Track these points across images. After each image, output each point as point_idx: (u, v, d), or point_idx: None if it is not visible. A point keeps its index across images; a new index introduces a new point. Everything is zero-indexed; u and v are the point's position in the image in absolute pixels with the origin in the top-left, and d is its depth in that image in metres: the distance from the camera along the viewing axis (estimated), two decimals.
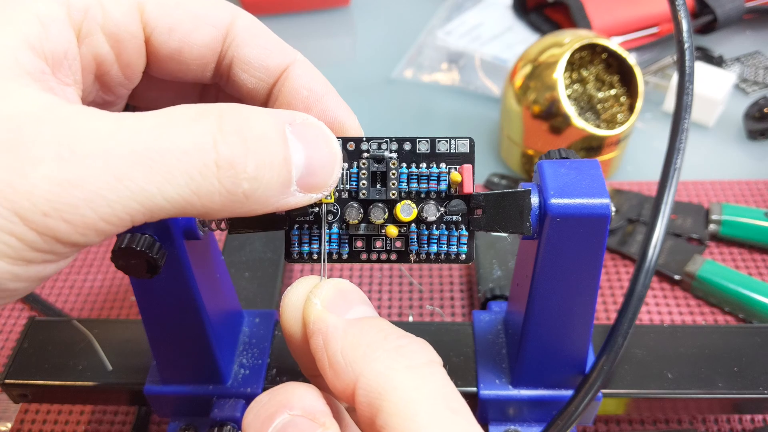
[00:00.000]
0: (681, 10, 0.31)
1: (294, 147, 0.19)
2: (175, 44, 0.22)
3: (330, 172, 0.21)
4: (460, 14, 0.72)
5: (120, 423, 0.39)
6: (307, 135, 0.20)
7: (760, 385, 0.32)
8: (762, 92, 0.61)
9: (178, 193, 0.17)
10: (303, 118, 0.20)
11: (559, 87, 0.47)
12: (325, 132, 0.21)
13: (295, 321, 0.22)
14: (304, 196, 0.20)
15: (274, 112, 0.19)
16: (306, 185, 0.20)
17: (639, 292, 0.29)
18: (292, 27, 0.74)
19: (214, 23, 0.23)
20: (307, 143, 0.20)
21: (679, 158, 0.30)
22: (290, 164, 0.19)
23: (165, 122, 0.17)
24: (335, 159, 0.21)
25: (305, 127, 0.20)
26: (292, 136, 0.19)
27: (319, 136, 0.20)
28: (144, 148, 0.17)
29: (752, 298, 0.42)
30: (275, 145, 0.19)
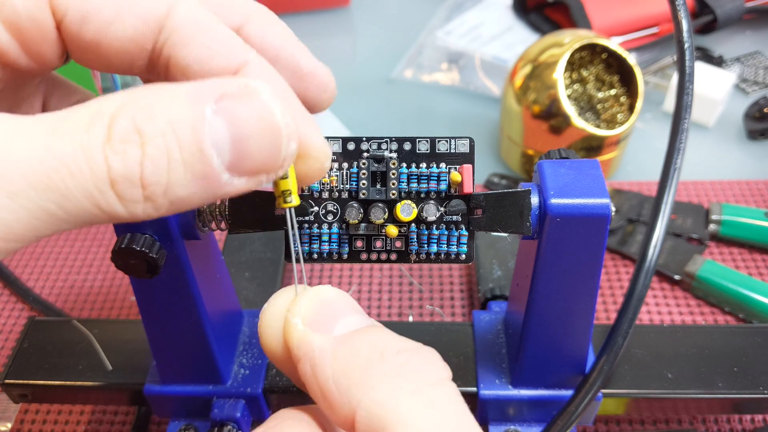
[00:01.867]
0: (681, 10, 0.31)
1: (214, 128, 0.16)
2: (90, 35, 0.19)
3: (271, 149, 0.17)
4: (460, 14, 0.72)
5: (120, 423, 0.39)
6: (237, 109, 0.16)
7: (760, 385, 0.32)
8: (762, 92, 0.61)
9: (80, 208, 0.15)
10: (238, 87, 0.17)
11: (559, 87, 0.47)
12: (261, 101, 0.17)
13: (276, 344, 0.20)
14: (246, 181, 0.17)
15: (196, 89, 0.16)
16: (243, 169, 0.17)
17: (639, 292, 0.29)
18: (292, 27, 0.74)
19: (141, 14, 0.19)
20: (235, 119, 0.16)
21: (679, 158, 0.30)
22: (205, 153, 0.16)
23: (58, 129, 0.15)
24: (274, 133, 0.17)
25: (237, 99, 0.17)
26: (214, 117, 0.16)
27: (252, 108, 0.17)
28: (38, 161, 0.15)
29: (752, 298, 0.42)
30: (183, 135, 0.16)
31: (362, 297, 0.45)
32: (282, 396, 0.34)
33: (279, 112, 0.17)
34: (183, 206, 0.17)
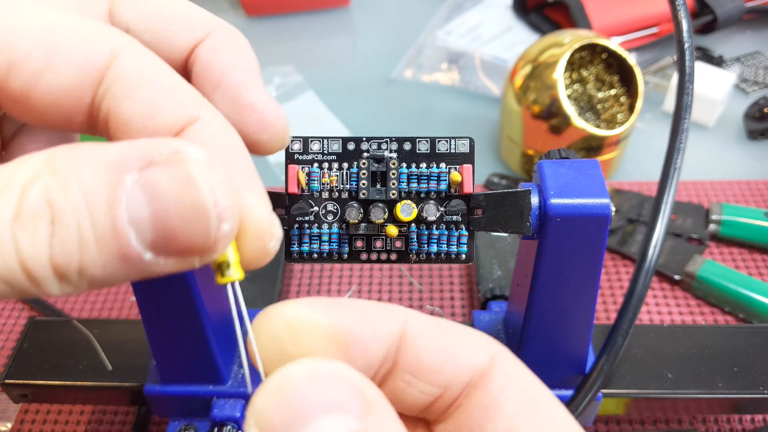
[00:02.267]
0: (681, 10, 0.31)
1: (133, 203, 0.14)
2: (18, 86, 0.16)
3: (198, 232, 0.15)
4: (460, 14, 0.72)
5: (120, 423, 0.39)
6: (159, 182, 0.14)
7: (760, 385, 0.32)
8: (762, 92, 0.61)
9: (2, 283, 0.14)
10: (167, 153, 0.15)
11: (559, 87, 0.47)
12: (187, 173, 0.15)
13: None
14: (176, 262, 0.15)
15: (120, 154, 0.14)
16: (168, 250, 0.15)
17: (639, 292, 0.29)
18: (292, 27, 0.74)
19: (78, 63, 0.16)
20: (155, 194, 0.14)
21: (679, 158, 0.30)
22: (120, 232, 0.14)
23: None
24: (200, 213, 0.15)
25: (161, 169, 0.14)
26: (134, 189, 0.14)
27: (175, 182, 0.14)
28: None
29: (752, 298, 0.42)
30: (97, 210, 0.14)
31: (362, 297, 0.45)
32: None
33: (207, 188, 0.15)
34: (106, 284, 0.15)
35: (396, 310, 0.17)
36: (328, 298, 0.17)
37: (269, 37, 0.73)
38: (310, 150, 0.25)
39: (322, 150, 0.25)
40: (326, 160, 0.25)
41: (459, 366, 0.17)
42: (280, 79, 0.65)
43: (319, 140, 0.25)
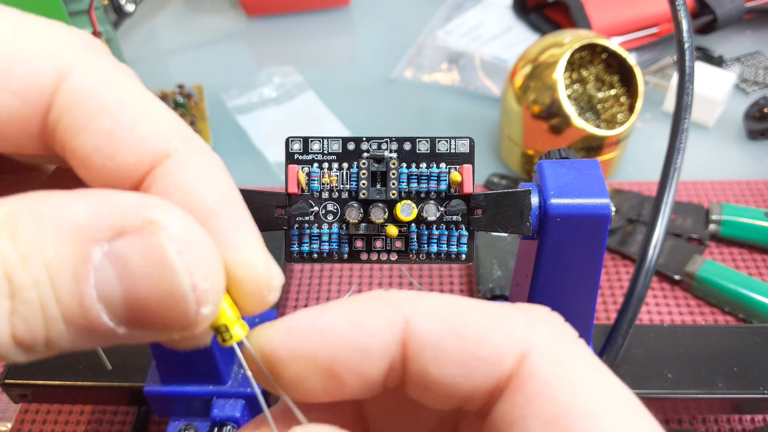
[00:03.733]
0: (681, 10, 0.31)
1: (102, 279, 0.13)
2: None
3: (175, 315, 0.13)
4: (460, 14, 0.72)
5: (120, 423, 0.39)
6: (130, 258, 0.13)
7: (760, 385, 0.32)
8: (762, 92, 0.61)
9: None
10: (140, 222, 0.13)
11: (559, 87, 0.47)
12: (162, 251, 0.13)
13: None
14: (154, 335, 0.14)
15: (88, 218, 0.13)
16: (144, 326, 0.13)
17: (639, 292, 0.29)
18: (292, 27, 0.74)
19: (17, 89, 0.14)
20: (126, 271, 0.13)
21: (679, 158, 0.30)
22: (89, 309, 0.13)
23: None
24: (175, 298, 0.13)
25: (133, 241, 0.13)
26: (103, 262, 0.13)
27: (148, 260, 0.13)
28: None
29: (752, 298, 0.42)
30: (62, 285, 0.12)
31: None
32: None
33: (184, 271, 0.13)
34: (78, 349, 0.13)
35: (394, 307, 0.15)
36: (310, 315, 0.15)
37: (269, 37, 0.73)
38: (310, 150, 0.25)
39: (322, 150, 0.25)
40: (326, 160, 0.25)
41: (475, 379, 0.14)
42: (280, 79, 0.65)
43: (319, 140, 0.25)
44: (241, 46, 0.73)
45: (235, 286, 0.15)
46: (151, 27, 0.76)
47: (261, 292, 0.15)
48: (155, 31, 0.76)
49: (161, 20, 0.77)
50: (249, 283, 0.15)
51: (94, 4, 0.51)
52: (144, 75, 0.66)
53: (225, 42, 0.73)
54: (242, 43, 0.73)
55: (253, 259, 0.15)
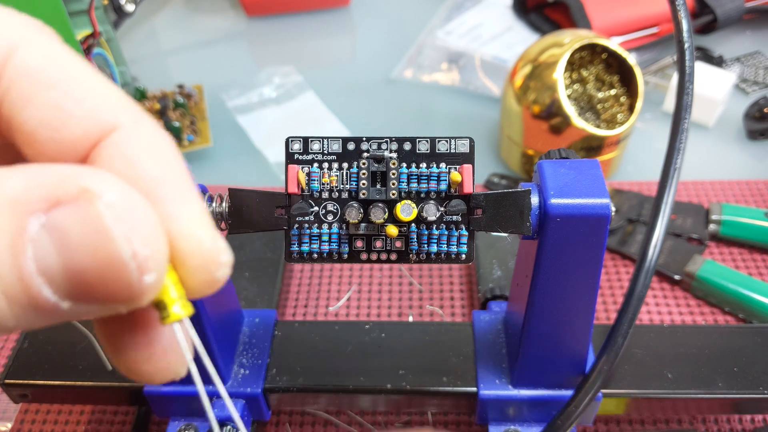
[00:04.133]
0: (681, 10, 0.31)
1: (41, 250, 0.12)
2: None
3: (117, 285, 0.13)
4: (460, 14, 0.72)
5: (120, 423, 0.39)
6: (67, 228, 0.12)
7: (760, 385, 0.32)
8: (762, 92, 0.61)
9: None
10: (75, 191, 0.12)
11: (559, 87, 0.47)
12: (99, 219, 0.13)
13: None
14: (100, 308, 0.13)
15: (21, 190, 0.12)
16: (89, 299, 0.13)
17: (639, 292, 0.29)
18: (292, 27, 0.74)
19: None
20: (64, 242, 0.12)
21: (679, 158, 0.30)
22: (29, 283, 0.12)
23: None
24: (115, 267, 0.13)
25: (70, 210, 0.12)
26: (41, 233, 0.12)
27: (85, 229, 0.12)
28: None
29: (752, 298, 0.42)
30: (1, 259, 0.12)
31: (362, 297, 0.45)
32: (282, 396, 0.34)
33: (122, 238, 0.13)
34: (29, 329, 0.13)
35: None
36: None
37: (269, 37, 0.73)
38: (310, 150, 0.25)
39: (322, 150, 0.25)
40: (326, 160, 0.25)
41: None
42: (280, 79, 0.65)
43: (319, 140, 0.25)
44: (241, 46, 0.73)
45: (180, 261, 0.14)
46: (151, 27, 0.76)
47: (208, 267, 0.15)
48: (155, 31, 0.76)
49: (161, 20, 0.77)
50: (195, 257, 0.14)
51: (94, 4, 0.51)
52: (144, 75, 0.66)
53: (225, 42, 0.73)
54: (242, 43, 0.73)
55: (198, 232, 0.14)
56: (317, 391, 0.33)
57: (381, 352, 0.34)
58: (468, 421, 0.38)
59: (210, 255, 0.14)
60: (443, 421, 0.38)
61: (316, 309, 0.45)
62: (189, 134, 0.57)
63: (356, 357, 0.34)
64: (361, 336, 0.35)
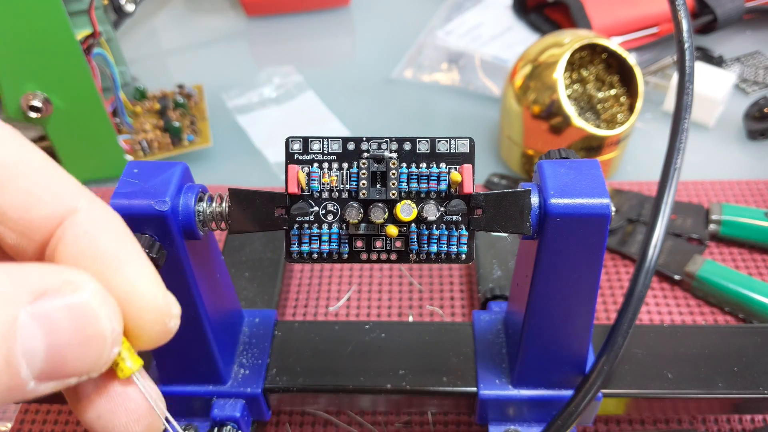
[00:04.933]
0: (681, 10, 0.31)
1: (28, 337, 0.14)
2: None
3: (92, 357, 0.15)
4: (460, 14, 0.72)
5: None
6: (56, 315, 0.15)
7: (760, 385, 0.32)
8: (762, 92, 0.61)
9: None
10: (60, 283, 0.15)
11: (559, 87, 0.47)
12: (86, 304, 0.15)
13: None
14: (54, 385, 0.15)
15: (12, 285, 0.14)
16: (55, 376, 0.15)
17: (639, 292, 0.29)
18: (292, 27, 0.74)
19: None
20: (53, 327, 0.15)
21: (679, 158, 0.30)
22: (13, 366, 0.14)
23: None
24: (97, 341, 0.15)
25: (56, 300, 0.15)
26: (29, 322, 0.14)
27: (74, 314, 0.15)
28: None
29: (752, 298, 0.42)
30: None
31: (362, 297, 0.45)
32: (282, 396, 0.34)
33: (106, 317, 0.15)
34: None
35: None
36: None
37: (269, 37, 0.73)
38: (310, 150, 0.25)
39: (322, 150, 0.25)
40: (326, 160, 0.25)
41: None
42: (280, 79, 0.65)
43: (319, 140, 0.25)
44: (241, 46, 0.73)
45: (137, 317, 0.17)
46: (151, 27, 0.76)
47: (162, 320, 0.17)
48: (155, 31, 0.76)
49: (161, 20, 0.77)
50: (150, 312, 0.17)
51: (94, 4, 0.51)
52: (144, 75, 0.66)
53: (225, 42, 0.73)
54: (242, 43, 0.73)
55: (152, 291, 0.17)
56: (317, 391, 0.33)
57: (381, 352, 0.34)
58: (468, 421, 0.38)
59: (163, 309, 0.17)
60: (443, 421, 0.38)
61: (316, 309, 0.45)
62: (189, 134, 0.57)
63: (356, 357, 0.34)
64: (361, 336, 0.35)
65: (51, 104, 0.48)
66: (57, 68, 0.47)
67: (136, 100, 0.59)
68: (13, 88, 0.47)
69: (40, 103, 0.48)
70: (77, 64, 0.47)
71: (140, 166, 0.27)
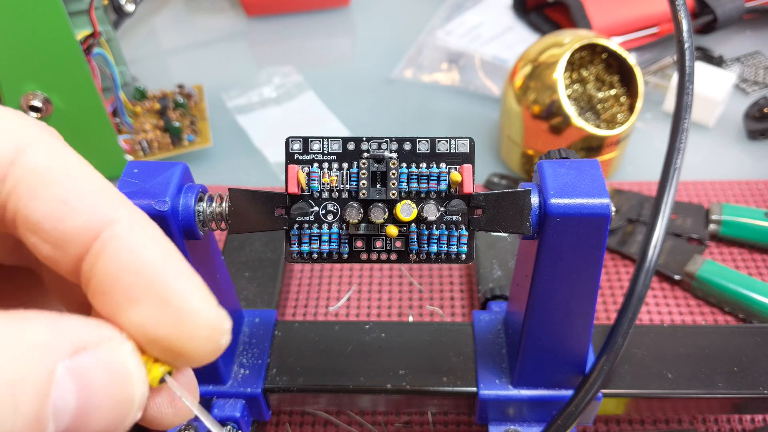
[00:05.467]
0: (681, 10, 0.31)
1: (61, 393, 0.14)
2: None
3: (117, 420, 0.15)
4: (460, 14, 0.72)
5: None
6: (92, 374, 0.14)
7: (760, 385, 0.32)
8: (762, 92, 0.61)
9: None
10: (98, 340, 0.14)
11: (559, 87, 0.47)
12: (126, 369, 0.15)
13: None
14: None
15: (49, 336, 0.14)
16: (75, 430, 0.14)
17: (639, 292, 0.29)
18: (292, 27, 0.74)
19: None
20: (87, 386, 0.14)
21: (679, 158, 0.30)
22: (42, 422, 0.13)
23: None
24: (127, 405, 0.15)
25: (94, 359, 0.14)
26: (64, 377, 0.14)
27: (112, 377, 0.14)
28: None
29: (752, 298, 0.42)
30: (23, 401, 0.13)
31: (362, 297, 0.45)
32: (282, 396, 0.34)
33: (139, 379, 0.15)
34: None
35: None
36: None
37: (269, 37, 0.73)
38: (310, 150, 0.25)
39: (322, 150, 0.25)
40: (326, 160, 0.25)
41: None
42: (280, 79, 0.65)
43: (319, 140, 0.25)
44: (241, 46, 0.73)
45: (191, 335, 0.16)
46: (151, 27, 0.76)
47: (216, 337, 0.16)
48: (155, 31, 0.76)
49: (161, 20, 0.77)
50: (203, 328, 0.16)
51: (94, 4, 0.51)
52: (144, 75, 0.66)
53: (225, 42, 0.73)
54: (242, 43, 0.73)
55: (205, 306, 0.16)
56: (317, 391, 0.33)
57: (381, 352, 0.34)
58: (468, 421, 0.38)
59: (216, 325, 0.16)
60: (443, 421, 0.38)
61: (316, 309, 0.45)
62: (189, 134, 0.57)
63: (356, 357, 0.34)
64: (361, 336, 0.35)
65: (51, 104, 0.48)
66: (57, 68, 0.47)
67: (136, 100, 0.59)
68: (13, 88, 0.47)
69: (40, 103, 0.48)
70: (77, 64, 0.47)
71: (140, 166, 0.27)
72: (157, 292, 0.15)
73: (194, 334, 0.16)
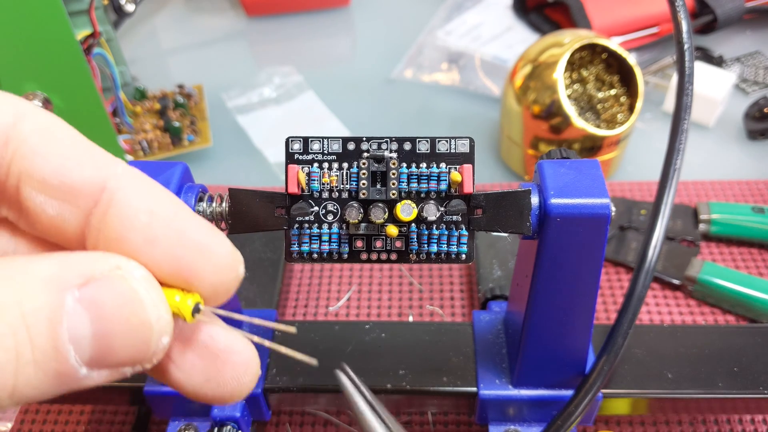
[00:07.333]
0: (681, 10, 0.31)
1: (75, 321, 0.14)
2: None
3: (139, 346, 0.15)
4: (460, 14, 0.72)
5: (120, 423, 0.39)
6: (103, 300, 0.15)
7: (760, 385, 0.32)
8: (762, 92, 0.61)
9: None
10: (108, 269, 0.15)
11: (559, 87, 0.47)
12: (133, 291, 0.15)
13: None
14: (108, 374, 0.15)
15: (59, 270, 0.14)
16: (104, 364, 0.15)
17: (639, 292, 0.29)
18: (292, 27, 0.74)
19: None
20: (100, 312, 0.15)
21: (679, 159, 0.30)
22: (61, 351, 0.14)
23: None
24: (144, 330, 0.15)
25: (104, 286, 0.15)
26: (75, 306, 0.14)
27: (121, 300, 0.15)
28: None
29: (757, 297, 0.41)
30: (38, 331, 0.14)
31: (362, 297, 0.45)
32: (282, 396, 0.34)
33: (152, 305, 0.15)
34: (31, 402, 0.15)
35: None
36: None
37: (269, 37, 0.73)
38: (310, 150, 0.25)
39: (322, 150, 0.25)
40: (326, 160, 0.25)
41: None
42: (280, 79, 0.65)
43: (319, 140, 0.25)
44: (241, 46, 0.73)
45: (214, 268, 0.16)
46: (151, 27, 0.76)
47: (235, 265, 0.17)
48: (155, 31, 0.76)
49: (161, 20, 0.77)
50: (224, 256, 0.17)
51: (94, 4, 0.51)
52: (144, 75, 0.66)
53: (225, 42, 0.73)
54: (242, 43, 0.73)
55: (218, 239, 0.17)
56: (317, 391, 0.33)
57: (381, 352, 0.34)
58: (468, 421, 0.38)
59: (234, 254, 0.17)
60: (443, 421, 0.38)
61: (316, 309, 0.45)
62: (189, 134, 0.57)
63: (356, 357, 0.34)
64: (361, 336, 0.35)
65: (51, 104, 0.48)
66: (57, 68, 0.47)
67: (136, 100, 0.59)
68: (13, 88, 0.47)
69: (40, 103, 0.48)
70: (77, 64, 0.47)
71: (140, 166, 0.27)
72: (175, 227, 0.16)
73: (217, 261, 0.16)
